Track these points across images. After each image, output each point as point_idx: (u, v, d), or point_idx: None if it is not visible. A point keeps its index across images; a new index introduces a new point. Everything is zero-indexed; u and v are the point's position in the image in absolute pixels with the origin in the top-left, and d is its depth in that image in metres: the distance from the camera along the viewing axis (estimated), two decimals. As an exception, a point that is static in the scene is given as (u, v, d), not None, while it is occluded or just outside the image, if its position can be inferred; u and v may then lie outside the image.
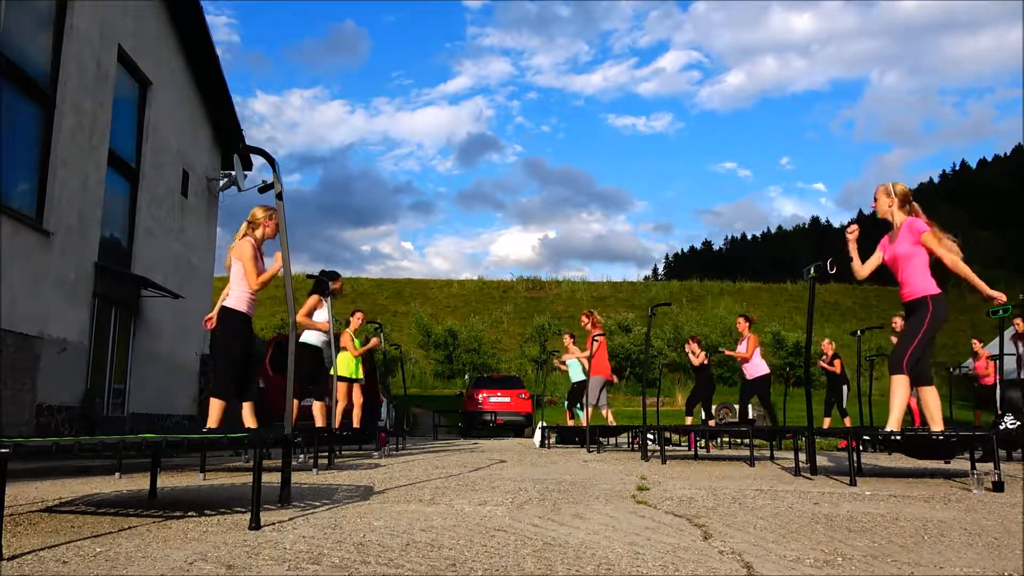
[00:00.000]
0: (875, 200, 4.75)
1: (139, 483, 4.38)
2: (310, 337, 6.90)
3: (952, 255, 4.42)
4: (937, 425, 4.50)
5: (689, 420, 10.46)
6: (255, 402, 5.55)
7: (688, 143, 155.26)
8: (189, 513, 3.09)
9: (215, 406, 5.08)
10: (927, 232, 4.45)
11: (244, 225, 5.23)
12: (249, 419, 5.23)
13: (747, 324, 9.45)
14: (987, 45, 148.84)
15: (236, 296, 5.11)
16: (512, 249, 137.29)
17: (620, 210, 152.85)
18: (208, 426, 5.09)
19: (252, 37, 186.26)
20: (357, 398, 8.09)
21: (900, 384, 4.44)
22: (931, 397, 4.56)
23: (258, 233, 5.20)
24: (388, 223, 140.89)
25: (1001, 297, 4.48)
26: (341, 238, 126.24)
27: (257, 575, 1.94)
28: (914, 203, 4.66)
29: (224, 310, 5.12)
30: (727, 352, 9.86)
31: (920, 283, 4.47)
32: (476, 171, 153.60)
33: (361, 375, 8.21)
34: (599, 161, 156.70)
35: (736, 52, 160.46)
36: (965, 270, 4.43)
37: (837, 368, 10.76)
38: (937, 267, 4.55)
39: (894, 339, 5.05)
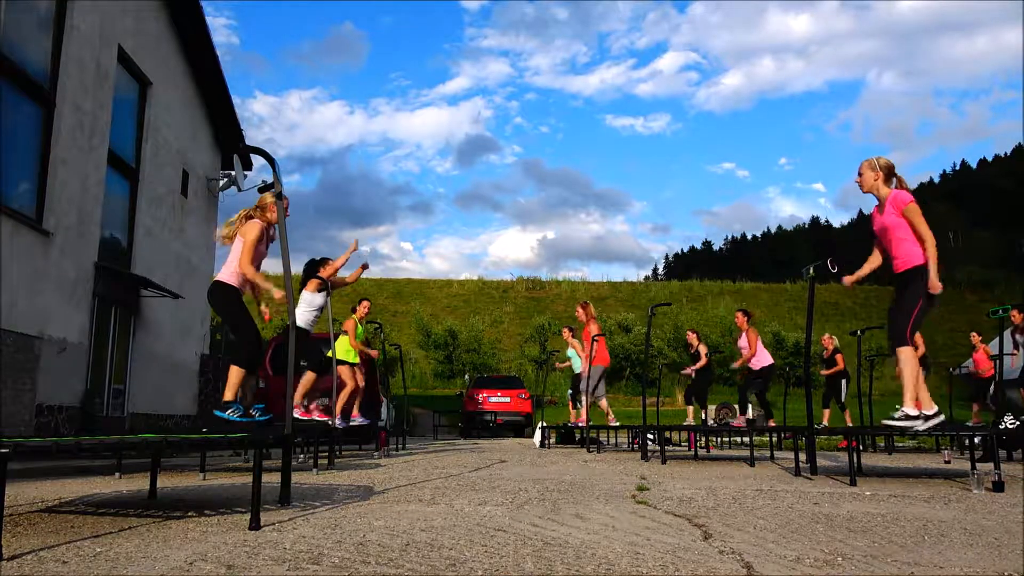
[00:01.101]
0: (859, 175, 4.71)
1: (139, 483, 4.38)
2: (298, 320, 6.79)
3: (930, 240, 4.38)
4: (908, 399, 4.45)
5: (690, 410, 10.46)
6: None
7: (686, 144, 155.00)
8: (189, 513, 3.09)
9: (232, 373, 4.92)
10: (911, 204, 4.42)
11: (252, 208, 5.11)
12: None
13: (745, 319, 9.44)
14: (982, 47, 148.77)
15: (228, 271, 5.02)
16: (511, 250, 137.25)
17: (618, 211, 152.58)
18: (225, 397, 4.99)
19: (251, 39, 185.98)
20: (360, 381, 7.99)
21: (907, 355, 4.35)
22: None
23: (268, 215, 5.12)
24: (387, 224, 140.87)
25: (937, 287, 4.40)
26: (340, 239, 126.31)
27: (257, 575, 1.94)
28: (899, 176, 4.64)
29: (214, 284, 5.04)
30: (736, 364, 9.75)
31: (914, 252, 4.43)
32: (475, 172, 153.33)
33: (358, 360, 8.12)
34: (597, 162, 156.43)
35: (734, 53, 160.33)
36: (932, 253, 4.37)
37: (840, 363, 10.77)
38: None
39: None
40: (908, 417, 4.38)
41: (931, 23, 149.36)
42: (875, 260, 4.75)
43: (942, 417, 4.41)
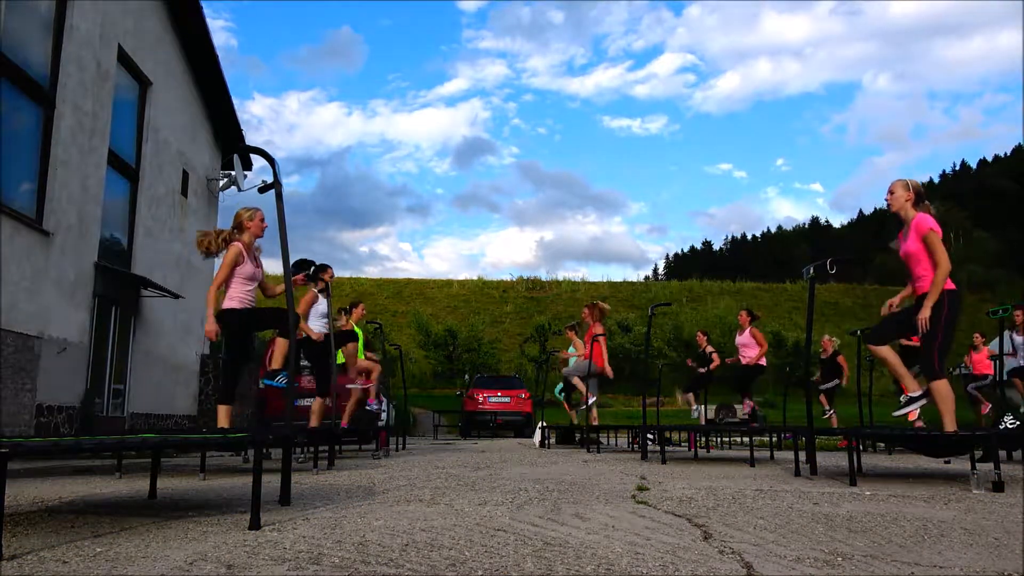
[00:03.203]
0: (891, 192, 4.73)
1: (139, 483, 4.38)
2: (313, 327, 6.84)
3: (942, 267, 4.42)
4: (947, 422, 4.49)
5: (690, 397, 10.47)
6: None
7: (683, 145, 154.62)
8: (189, 513, 3.09)
9: (220, 411, 5.09)
10: (931, 232, 4.46)
11: (229, 231, 5.21)
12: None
13: (749, 318, 9.42)
14: (976, 49, 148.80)
15: (228, 294, 5.12)
16: (509, 251, 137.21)
17: (615, 212, 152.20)
18: (273, 366, 5.19)
19: (249, 42, 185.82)
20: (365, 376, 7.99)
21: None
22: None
23: (245, 237, 5.18)
24: (386, 225, 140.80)
25: (922, 317, 4.44)
26: (339, 240, 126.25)
27: (257, 575, 1.94)
28: (927, 203, 4.68)
29: (221, 312, 5.13)
30: (730, 360, 9.73)
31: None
32: (472, 173, 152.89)
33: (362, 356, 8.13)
34: (594, 163, 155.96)
35: (730, 55, 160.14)
36: (937, 281, 4.41)
37: (844, 364, 10.78)
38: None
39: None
40: (912, 399, 4.53)
41: (927, 25, 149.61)
42: (907, 290, 4.80)
43: (925, 400, 4.58)
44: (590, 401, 8.87)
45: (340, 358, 7.75)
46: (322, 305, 6.88)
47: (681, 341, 28.17)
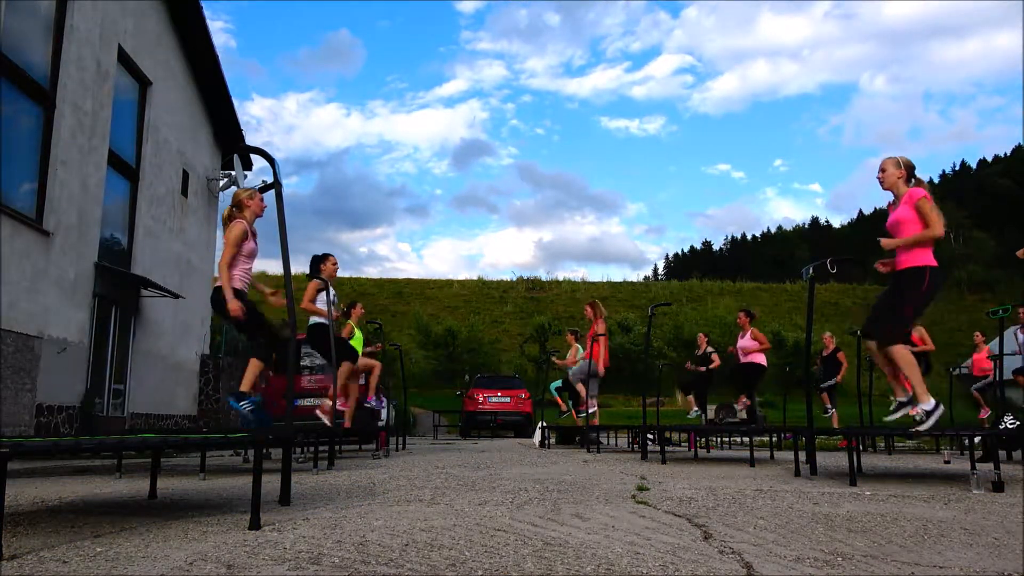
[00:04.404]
0: (883, 170, 4.68)
1: (139, 483, 4.38)
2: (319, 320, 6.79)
3: (933, 228, 4.38)
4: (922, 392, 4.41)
5: (690, 399, 10.46)
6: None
7: (681, 146, 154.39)
8: (189, 513, 3.09)
9: (251, 365, 4.95)
10: (924, 198, 4.43)
11: (230, 208, 5.17)
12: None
13: (748, 319, 9.39)
14: (973, 50, 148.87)
15: (229, 272, 5.04)
16: (507, 251, 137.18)
17: (613, 213, 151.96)
18: (241, 388, 5.05)
19: (248, 44, 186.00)
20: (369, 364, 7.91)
21: (903, 352, 4.36)
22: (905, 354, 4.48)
23: (247, 214, 5.15)
24: (384, 226, 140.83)
25: (886, 244, 4.40)
26: (338, 240, 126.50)
27: (257, 575, 1.94)
28: (918, 177, 4.65)
29: (216, 289, 5.06)
30: (730, 349, 9.71)
31: (919, 253, 4.43)
32: (471, 174, 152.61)
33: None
34: (593, 164, 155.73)
35: (728, 56, 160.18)
36: (925, 234, 4.36)
37: (844, 363, 10.79)
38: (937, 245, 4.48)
39: None
40: (928, 413, 4.37)
41: (924, 27, 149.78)
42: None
43: (942, 408, 4.44)
44: (592, 410, 8.83)
45: (359, 346, 7.69)
46: (320, 300, 6.82)
47: (681, 341, 28.17)
